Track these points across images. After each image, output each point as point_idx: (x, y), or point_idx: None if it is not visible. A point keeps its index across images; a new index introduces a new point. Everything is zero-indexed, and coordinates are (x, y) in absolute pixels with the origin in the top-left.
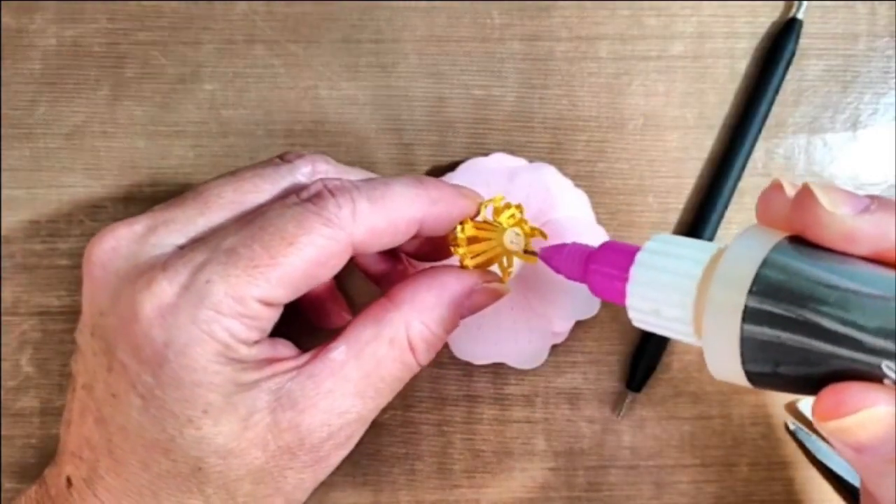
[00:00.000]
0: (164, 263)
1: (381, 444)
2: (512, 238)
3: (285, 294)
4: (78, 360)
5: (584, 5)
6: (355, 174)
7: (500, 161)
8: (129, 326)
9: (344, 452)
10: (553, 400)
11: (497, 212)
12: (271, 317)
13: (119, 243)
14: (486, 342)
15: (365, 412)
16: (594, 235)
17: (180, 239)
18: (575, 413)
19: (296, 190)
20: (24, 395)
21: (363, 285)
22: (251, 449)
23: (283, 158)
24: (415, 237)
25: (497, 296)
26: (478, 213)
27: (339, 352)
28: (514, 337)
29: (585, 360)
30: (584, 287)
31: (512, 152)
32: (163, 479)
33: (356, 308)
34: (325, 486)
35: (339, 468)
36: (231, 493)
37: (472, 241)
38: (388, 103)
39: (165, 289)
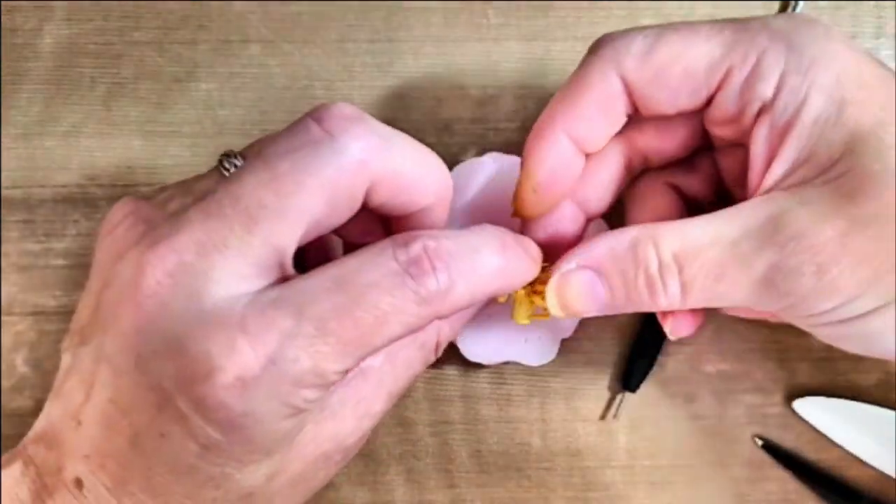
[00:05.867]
0: (242, 321)
1: (378, 443)
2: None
3: (360, 361)
4: (99, 373)
5: (581, 6)
6: (399, 142)
7: (494, 160)
8: (201, 387)
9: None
10: (550, 400)
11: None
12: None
13: (174, 276)
14: (496, 343)
15: (389, 408)
16: (592, 227)
17: (240, 263)
18: (571, 413)
19: (350, 190)
20: (19, 395)
21: None
22: (294, 462)
23: (316, 120)
24: None
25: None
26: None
27: (376, 359)
28: (524, 335)
29: (582, 360)
30: None
31: (509, 152)
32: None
33: None
34: (324, 486)
35: None
36: (269, 498)
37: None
38: (384, 104)
39: (250, 359)
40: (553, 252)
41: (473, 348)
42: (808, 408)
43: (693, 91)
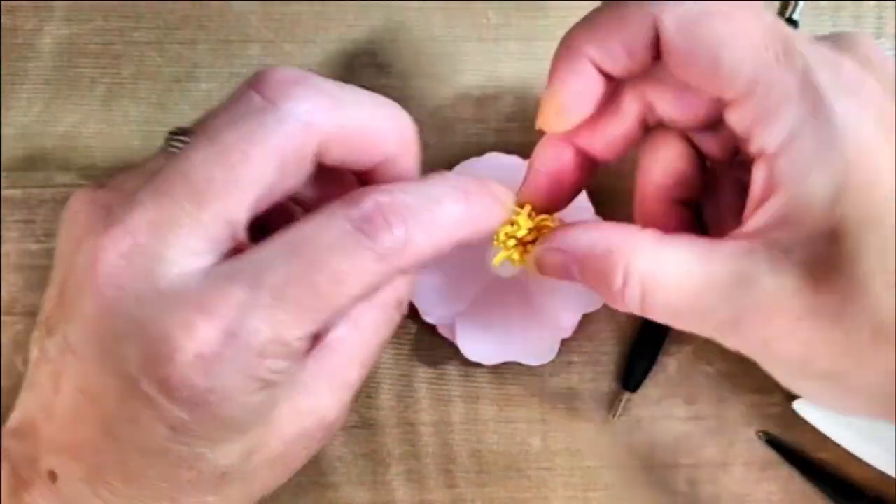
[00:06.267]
0: (198, 298)
1: (378, 443)
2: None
3: (325, 327)
4: (66, 366)
5: (580, 6)
6: (349, 97)
7: (494, 160)
8: (163, 368)
9: (343, 421)
10: (550, 400)
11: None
12: (306, 347)
13: (128, 258)
14: (495, 343)
15: (365, 377)
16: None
17: (194, 240)
18: (571, 413)
19: (299, 154)
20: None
21: None
22: (271, 441)
23: (256, 89)
24: None
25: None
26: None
27: (340, 328)
28: (523, 335)
29: (582, 360)
30: None
31: (509, 152)
32: (183, 487)
33: None
34: (323, 486)
35: (337, 467)
36: (249, 484)
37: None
38: None
39: (209, 336)
40: (554, 198)
41: (473, 348)
42: (808, 408)
43: (715, 86)
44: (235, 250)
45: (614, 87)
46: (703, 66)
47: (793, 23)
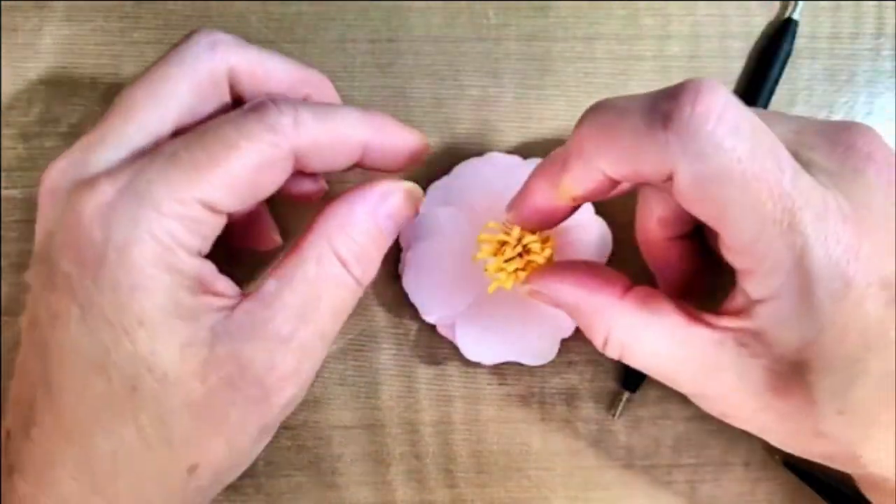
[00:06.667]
0: (107, 171)
1: (378, 443)
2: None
3: (229, 200)
4: (28, 305)
5: (581, 5)
6: (253, 46)
7: (494, 160)
8: (73, 231)
9: (293, 389)
10: (549, 400)
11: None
12: (215, 224)
13: (63, 170)
14: (495, 342)
15: (310, 339)
16: (593, 226)
17: (121, 151)
18: (571, 413)
19: (211, 75)
20: None
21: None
22: (189, 379)
23: (187, 37)
24: (356, 165)
25: (414, 197)
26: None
27: (269, 283)
28: (523, 334)
29: (582, 360)
30: None
31: (509, 152)
32: (97, 404)
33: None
34: (323, 485)
35: (337, 467)
36: (168, 426)
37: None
38: (384, 103)
39: (107, 189)
40: (543, 225)
41: (473, 348)
42: None
43: (718, 230)
44: None
45: None
46: (709, 218)
47: (793, 22)
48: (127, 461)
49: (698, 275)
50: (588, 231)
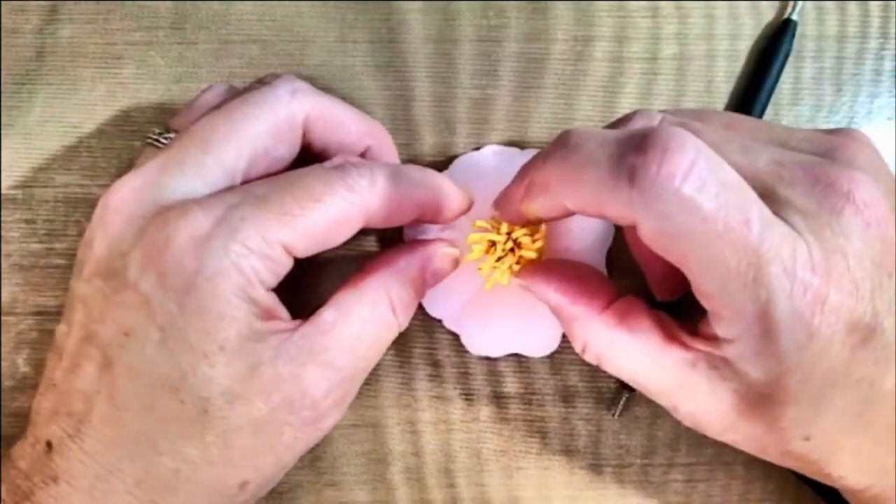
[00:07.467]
0: (197, 199)
1: (378, 442)
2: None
3: (305, 246)
4: (74, 316)
5: (579, 6)
6: (326, 95)
7: (492, 152)
8: (160, 255)
9: (338, 416)
10: (549, 399)
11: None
12: (287, 265)
13: (137, 191)
14: (499, 335)
15: (357, 371)
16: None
17: (198, 181)
18: (571, 412)
19: (289, 120)
20: (21, 394)
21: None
22: (255, 398)
23: (259, 81)
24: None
25: (454, 261)
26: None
27: (328, 313)
28: (526, 326)
29: (581, 359)
30: None
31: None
32: (165, 423)
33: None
34: (324, 484)
35: (337, 466)
36: (229, 443)
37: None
38: (384, 103)
39: (200, 219)
40: (523, 221)
41: (477, 341)
42: None
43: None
44: None
45: None
46: (675, 263)
47: (792, 23)
48: (187, 478)
49: None
50: (585, 220)
